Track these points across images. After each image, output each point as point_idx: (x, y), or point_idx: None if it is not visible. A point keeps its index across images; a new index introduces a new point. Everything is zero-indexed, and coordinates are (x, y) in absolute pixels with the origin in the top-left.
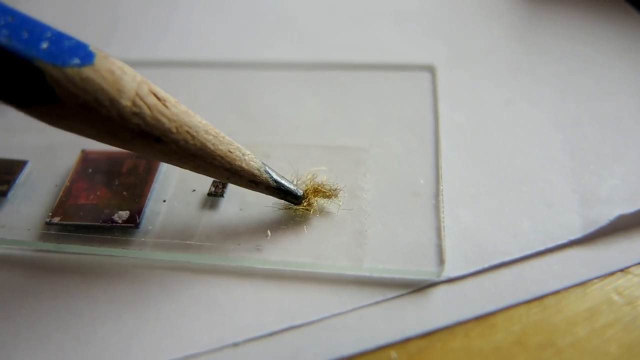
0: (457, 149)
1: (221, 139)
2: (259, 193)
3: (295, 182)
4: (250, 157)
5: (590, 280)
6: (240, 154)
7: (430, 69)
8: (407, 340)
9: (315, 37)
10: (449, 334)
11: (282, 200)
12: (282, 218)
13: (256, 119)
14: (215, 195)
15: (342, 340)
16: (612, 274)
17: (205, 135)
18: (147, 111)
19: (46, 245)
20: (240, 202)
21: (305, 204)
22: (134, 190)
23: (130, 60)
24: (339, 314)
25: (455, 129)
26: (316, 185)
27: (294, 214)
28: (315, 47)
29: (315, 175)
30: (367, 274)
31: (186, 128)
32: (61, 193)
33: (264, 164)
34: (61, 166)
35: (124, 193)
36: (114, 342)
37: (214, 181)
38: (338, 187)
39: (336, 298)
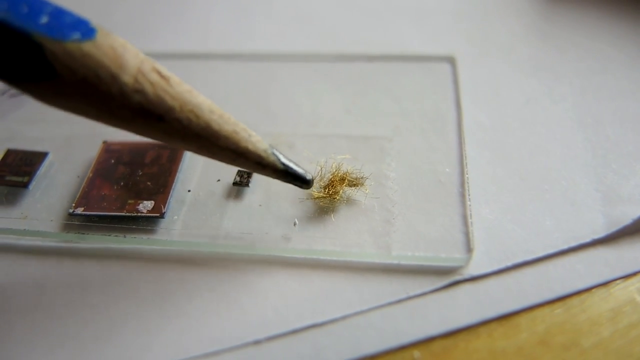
0: (478, 146)
1: (226, 119)
2: (285, 183)
3: (320, 171)
4: (257, 139)
5: (613, 280)
6: (247, 135)
7: (451, 60)
8: (431, 340)
9: (335, 30)
10: (472, 333)
11: (303, 190)
12: (308, 207)
13: (278, 110)
14: (240, 184)
15: (364, 338)
16: (635, 273)
17: (209, 115)
18: (149, 88)
19: (70, 236)
20: (266, 192)
21: (332, 192)
22: (158, 180)
23: (148, 53)
24: (361, 312)
25: (475, 126)
26: (342, 174)
27: (321, 203)
28: (335, 39)
29: (341, 164)
30: (395, 261)
31: (190, 107)
32: (84, 184)
33: (271, 146)
34: (82, 157)
35: (148, 183)
36: (133, 339)
37: (239, 170)
38: (364, 176)
39: (359, 295)
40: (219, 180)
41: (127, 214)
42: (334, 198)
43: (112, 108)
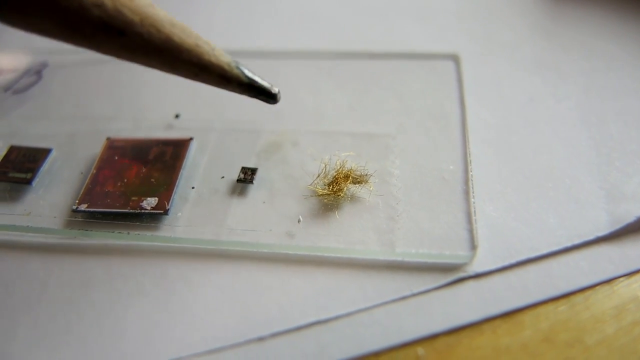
0: (482, 144)
1: (188, 32)
2: (288, 178)
3: (325, 169)
4: (220, 52)
5: (617, 277)
6: (209, 48)
7: (455, 58)
8: (435, 337)
9: (339, 28)
10: (476, 330)
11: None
12: (313, 204)
13: (282, 108)
14: (244, 181)
15: (368, 335)
16: (639, 271)
17: (171, 29)
18: (108, 2)
19: (73, 233)
20: (270, 189)
21: (336, 189)
22: (162, 177)
23: None
24: (365, 309)
25: (479, 124)
26: (347, 171)
27: (325, 200)
28: (339, 37)
29: (345, 162)
30: (399, 258)
31: (150, 21)
32: (87, 180)
33: (235, 60)
34: (85, 154)
35: (152, 180)
36: (137, 336)
37: (243, 167)
38: (368, 173)
39: (363, 292)
40: (223, 177)
41: (131, 210)
42: (338, 195)
43: (72, 24)
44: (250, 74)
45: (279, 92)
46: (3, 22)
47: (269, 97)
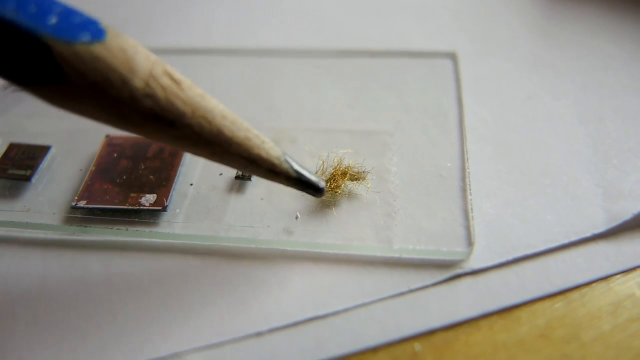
0: (480, 141)
1: (239, 125)
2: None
3: (322, 166)
4: (270, 146)
5: (613, 274)
6: (260, 142)
7: (453, 57)
8: (432, 332)
9: (338, 26)
10: (473, 326)
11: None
12: (310, 201)
13: (281, 105)
14: (242, 178)
15: (366, 331)
16: (635, 268)
17: (222, 121)
18: (160, 93)
19: (72, 229)
20: (269, 186)
21: (333, 186)
22: (160, 174)
23: (152, 49)
24: (363, 305)
25: (477, 122)
26: (344, 168)
27: (322, 197)
28: (337, 35)
29: (343, 159)
30: (396, 255)
31: (202, 112)
32: (86, 177)
33: (284, 153)
34: (85, 151)
35: (151, 177)
36: (135, 331)
37: None
38: (366, 170)
39: (361, 288)
40: (221, 174)
41: (130, 207)
42: (336, 192)
43: (122, 112)
44: (298, 168)
45: (325, 187)
46: (52, 105)
47: (315, 190)
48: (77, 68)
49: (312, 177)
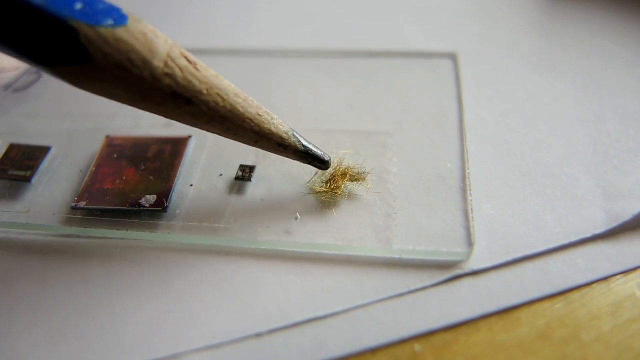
0: (480, 141)
1: (250, 102)
2: (286, 175)
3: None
4: (279, 122)
5: (613, 275)
6: (269, 117)
7: (453, 57)
8: (431, 333)
9: (337, 26)
10: (473, 327)
11: (307, 184)
12: (310, 201)
13: (279, 105)
14: (242, 179)
15: (365, 331)
16: (635, 268)
17: (234, 98)
18: (178, 72)
19: (72, 230)
20: (268, 186)
21: (333, 187)
22: (161, 174)
23: None
24: (362, 305)
25: (477, 121)
26: (344, 169)
27: (322, 197)
28: (337, 35)
29: (342, 159)
30: (396, 255)
31: (216, 90)
32: (87, 178)
33: (291, 128)
34: (85, 151)
35: (151, 177)
36: (135, 332)
37: (241, 165)
38: (366, 171)
39: (360, 289)
40: (221, 174)
41: (130, 207)
42: (336, 192)
43: (143, 91)
44: (305, 142)
45: (330, 159)
46: (77, 87)
47: (321, 163)
48: (102, 49)
49: (318, 151)
